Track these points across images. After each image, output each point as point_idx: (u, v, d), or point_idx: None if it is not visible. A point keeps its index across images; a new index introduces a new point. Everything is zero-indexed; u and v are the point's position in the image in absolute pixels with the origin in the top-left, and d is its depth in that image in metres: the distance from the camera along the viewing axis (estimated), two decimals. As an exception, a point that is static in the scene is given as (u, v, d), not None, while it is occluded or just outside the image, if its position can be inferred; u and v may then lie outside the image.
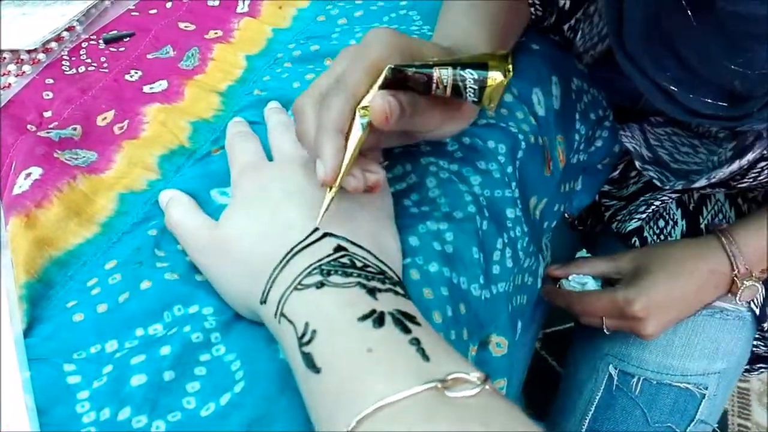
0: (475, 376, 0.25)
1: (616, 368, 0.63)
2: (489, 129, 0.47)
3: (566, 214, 0.71)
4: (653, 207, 0.64)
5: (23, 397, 0.32)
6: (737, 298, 0.54)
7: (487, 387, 0.24)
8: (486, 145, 0.46)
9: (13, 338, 0.34)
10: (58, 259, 0.39)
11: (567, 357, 0.72)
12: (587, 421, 0.64)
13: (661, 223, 0.64)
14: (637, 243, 0.64)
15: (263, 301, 0.32)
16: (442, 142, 0.45)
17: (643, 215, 0.65)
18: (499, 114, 0.48)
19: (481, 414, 0.24)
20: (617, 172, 0.69)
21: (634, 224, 0.65)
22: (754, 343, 0.64)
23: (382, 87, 0.34)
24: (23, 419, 0.31)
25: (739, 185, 0.52)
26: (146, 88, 0.51)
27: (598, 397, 0.64)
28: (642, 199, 0.66)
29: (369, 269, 0.31)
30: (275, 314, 0.30)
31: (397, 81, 0.34)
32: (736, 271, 0.50)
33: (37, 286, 0.37)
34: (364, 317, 0.28)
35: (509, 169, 0.46)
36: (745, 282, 0.52)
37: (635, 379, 0.62)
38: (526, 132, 0.48)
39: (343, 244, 0.33)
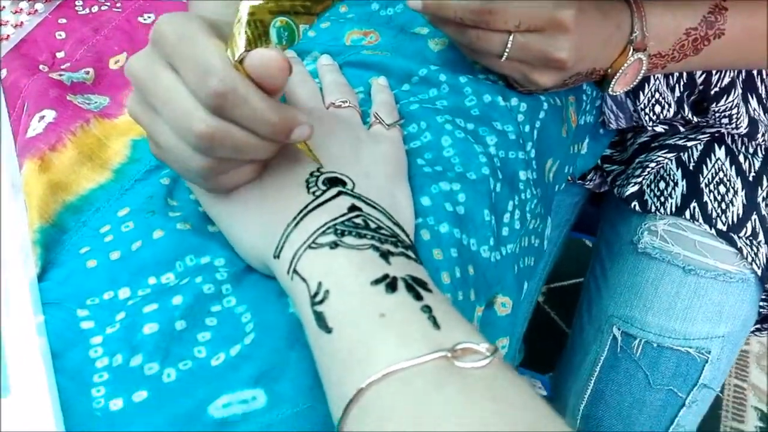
0: (484, 347, 0.25)
1: (620, 330, 0.63)
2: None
3: (570, 177, 0.71)
4: (649, 168, 0.63)
5: (37, 340, 0.33)
6: (613, 81, 0.47)
7: (495, 358, 0.25)
8: (507, 103, 0.45)
9: (27, 282, 0.35)
10: (71, 204, 0.39)
11: (573, 317, 0.73)
12: (593, 381, 0.65)
13: (662, 184, 0.64)
14: (637, 207, 0.64)
15: (276, 256, 0.32)
16: (459, 96, 0.45)
17: (640, 178, 0.64)
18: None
19: (489, 385, 0.24)
20: (617, 135, 0.68)
21: (632, 188, 0.64)
22: (761, 303, 0.64)
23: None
24: (37, 362, 0.32)
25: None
26: (160, 32, 0.50)
27: (602, 358, 0.65)
28: (638, 161, 0.66)
29: (382, 231, 0.31)
30: (288, 271, 0.30)
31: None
32: (633, 36, 0.47)
33: (51, 230, 0.37)
34: (377, 281, 0.28)
35: (526, 129, 0.46)
36: (634, 53, 0.46)
37: (637, 341, 0.62)
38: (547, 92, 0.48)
39: (358, 203, 0.32)
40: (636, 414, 0.64)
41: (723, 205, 0.61)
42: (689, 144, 0.62)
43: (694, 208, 0.61)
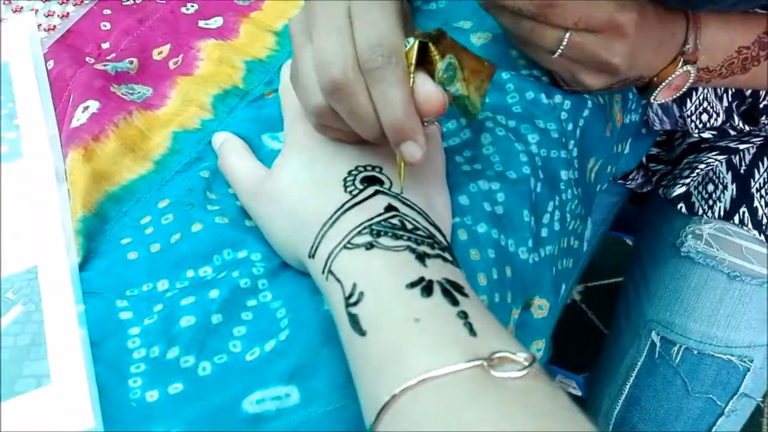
0: (522, 356, 0.25)
1: (659, 335, 0.62)
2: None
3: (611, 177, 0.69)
4: (698, 170, 0.61)
5: (77, 329, 0.33)
6: (657, 90, 0.45)
7: (533, 368, 0.24)
8: (551, 101, 0.44)
9: (69, 271, 0.35)
10: (113, 194, 0.40)
11: (612, 319, 0.71)
12: (628, 386, 0.64)
13: (710, 187, 0.62)
14: (684, 209, 0.62)
15: (311, 255, 0.32)
16: (501, 93, 0.44)
17: (688, 179, 0.62)
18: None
19: (526, 398, 0.23)
20: (664, 134, 0.66)
21: (679, 189, 0.62)
22: None
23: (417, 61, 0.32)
24: (77, 351, 0.32)
25: None
26: (201, 23, 0.51)
27: (639, 363, 0.63)
28: (686, 161, 0.64)
29: (419, 232, 0.31)
30: (323, 270, 0.30)
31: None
32: (686, 47, 0.45)
33: (93, 220, 0.38)
34: (413, 284, 0.28)
35: (569, 127, 0.45)
36: (684, 64, 0.44)
37: (677, 348, 0.61)
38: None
39: (394, 203, 0.32)
40: (672, 421, 0.62)
41: None
42: (741, 147, 0.60)
43: (744, 213, 0.59)
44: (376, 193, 0.33)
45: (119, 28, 0.50)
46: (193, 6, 0.53)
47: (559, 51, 0.41)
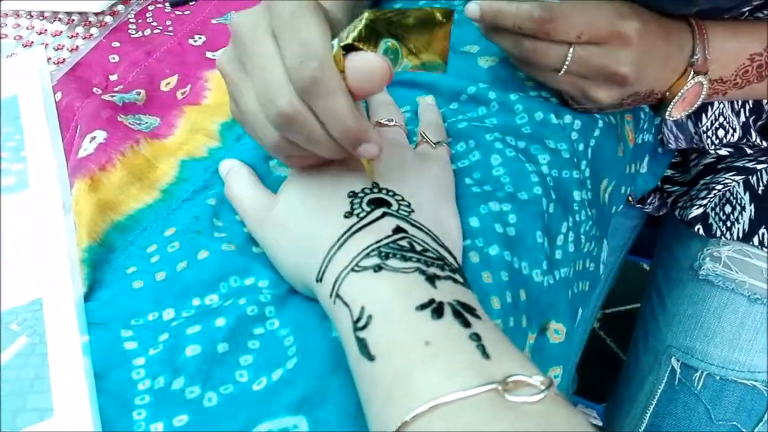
0: (538, 379, 0.23)
1: (679, 361, 0.60)
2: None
3: (630, 197, 0.68)
4: (715, 191, 0.60)
5: (81, 360, 0.32)
6: (671, 105, 0.44)
7: (550, 392, 0.23)
8: (560, 121, 0.43)
9: (74, 302, 0.35)
10: (119, 224, 0.39)
11: (629, 345, 0.69)
12: (648, 415, 0.62)
13: (728, 208, 0.60)
14: (701, 231, 0.60)
15: (319, 279, 0.31)
16: (510, 114, 0.43)
17: (704, 200, 0.61)
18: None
19: (543, 423, 0.22)
20: (678, 155, 0.65)
21: (695, 211, 0.61)
22: None
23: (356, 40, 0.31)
24: (81, 383, 0.32)
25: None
26: (209, 54, 0.51)
27: (659, 391, 0.61)
28: (702, 182, 0.62)
29: (428, 254, 0.30)
30: (330, 294, 0.30)
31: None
32: (695, 58, 0.43)
33: (99, 250, 0.38)
34: (422, 306, 0.27)
35: (580, 147, 0.44)
36: (695, 76, 0.43)
37: (698, 374, 0.59)
38: (601, 110, 0.46)
39: (403, 225, 0.31)
40: None
41: None
42: (759, 167, 0.59)
43: (763, 234, 0.58)
44: (384, 215, 0.32)
45: (127, 60, 0.51)
46: (201, 38, 0.53)
47: (565, 68, 0.41)
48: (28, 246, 0.38)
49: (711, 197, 0.60)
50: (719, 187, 0.60)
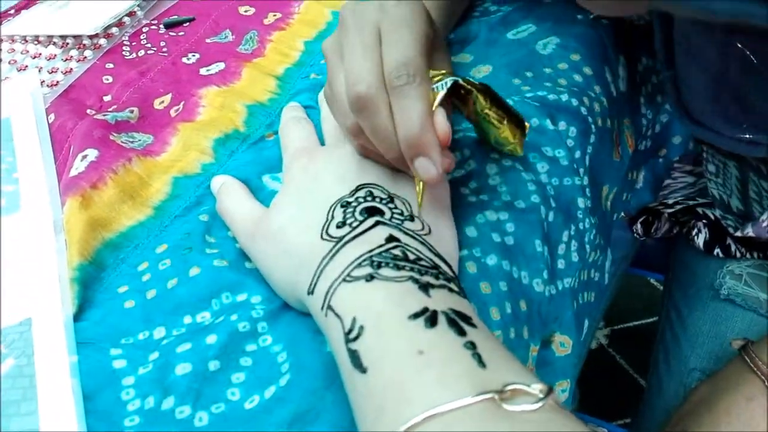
0: (537, 388, 0.22)
1: None
2: (559, 110, 0.44)
3: (623, 213, 0.65)
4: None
5: (70, 381, 0.32)
6: None
7: (549, 401, 0.22)
8: (556, 128, 0.43)
9: (63, 322, 0.34)
10: (110, 241, 0.39)
11: (643, 362, 0.66)
12: None
13: None
14: (720, 254, 0.58)
15: (310, 292, 0.30)
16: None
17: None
18: (571, 93, 0.45)
19: (542, 431, 0.21)
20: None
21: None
22: None
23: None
24: (69, 404, 0.31)
25: None
26: (203, 71, 0.51)
27: None
28: None
29: (422, 263, 0.29)
30: (322, 306, 0.29)
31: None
32: None
33: (90, 268, 0.37)
34: (416, 315, 0.26)
35: (577, 155, 0.43)
36: None
37: None
38: (596, 114, 0.45)
39: (396, 233, 0.31)
40: None
41: None
42: None
43: None
44: (377, 224, 0.31)
45: (121, 81, 0.51)
46: (194, 56, 0.53)
47: None
48: (18, 267, 0.37)
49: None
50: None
